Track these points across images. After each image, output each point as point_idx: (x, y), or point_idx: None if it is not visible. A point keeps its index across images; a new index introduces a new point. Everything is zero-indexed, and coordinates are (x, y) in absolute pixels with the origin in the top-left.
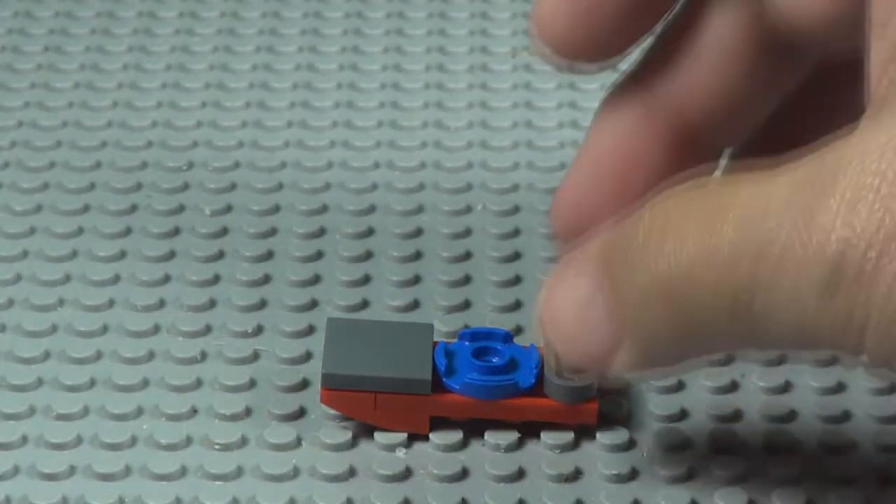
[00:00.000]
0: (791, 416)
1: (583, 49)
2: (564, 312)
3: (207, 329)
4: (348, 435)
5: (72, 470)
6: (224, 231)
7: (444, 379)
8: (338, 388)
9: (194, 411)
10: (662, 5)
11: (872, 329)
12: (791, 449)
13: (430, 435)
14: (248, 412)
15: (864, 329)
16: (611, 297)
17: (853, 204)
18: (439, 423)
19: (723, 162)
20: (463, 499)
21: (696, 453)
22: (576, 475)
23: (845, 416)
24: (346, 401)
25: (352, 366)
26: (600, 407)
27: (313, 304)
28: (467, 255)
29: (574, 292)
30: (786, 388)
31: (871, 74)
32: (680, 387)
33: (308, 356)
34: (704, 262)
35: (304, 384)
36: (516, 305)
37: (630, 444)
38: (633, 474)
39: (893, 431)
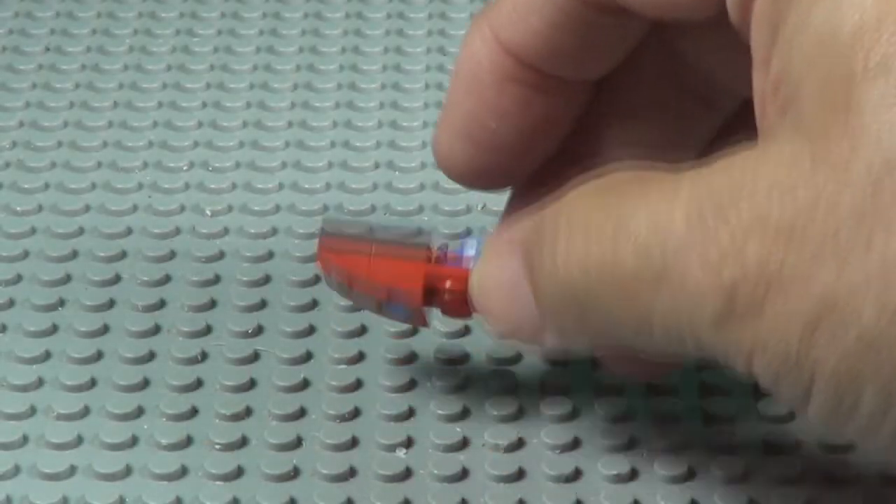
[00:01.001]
0: (790, 416)
1: (480, 180)
2: (495, 292)
3: (208, 329)
4: (349, 435)
5: (73, 470)
6: (224, 231)
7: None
8: (335, 236)
9: (195, 411)
10: (553, 136)
11: (759, 359)
12: (790, 449)
13: (430, 434)
14: (248, 412)
15: (752, 357)
16: (532, 289)
17: (742, 243)
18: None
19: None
20: (463, 499)
21: (696, 453)
22: (576, 475)
23: None
24: (342, 253)
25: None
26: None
27: (313, 305)
28: None
29: (502, 273)
30: None
31: (756, 108)
32: (676, 391)
33: (308, 356)
34: (606, 283)
35: (304, 384)
36: None
37: (630, 444)
38: (633, 474)
39: None
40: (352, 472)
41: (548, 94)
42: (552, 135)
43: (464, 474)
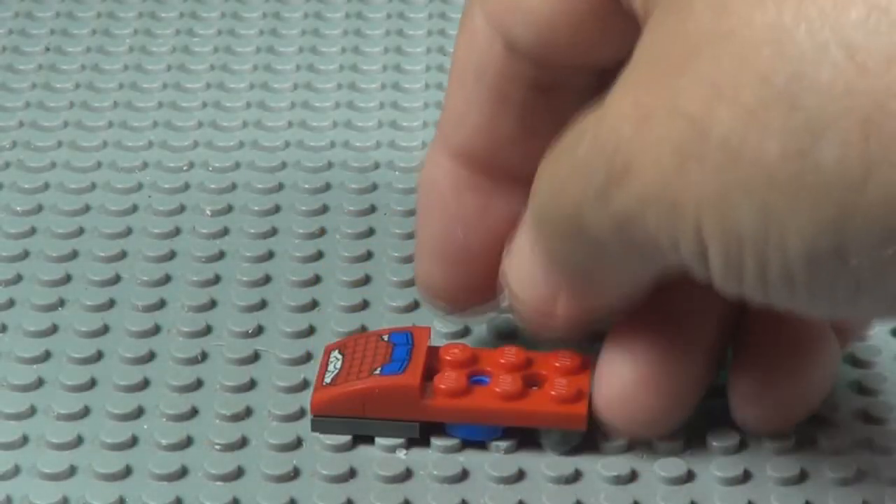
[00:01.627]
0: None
1: (461, 298)
2: (518, 266)
3: (208, 329)
4: (349, 436)
5: (73, 470)
6: (224, 231)
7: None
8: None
9: (195, 412)
10: None
11: (651, 216)
12: (793, 450)
13: (430, 435)
14: (248, 412)
15: (646, 218)
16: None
17: (624, 111)
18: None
19: None
20: (463, 500)
21: (695, 454)
22: (576, 476)
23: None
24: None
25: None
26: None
27: (314, 305)
28: None
29: (522, 241)
30: None
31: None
32: None
33: (308, 357)
34: (550, 198)
35: (304, 385)
36: None
37: (630, 446)
38: (632, 475)
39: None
40: (352, 473)
41: (503, 198)
42: None
43: (464, 475)
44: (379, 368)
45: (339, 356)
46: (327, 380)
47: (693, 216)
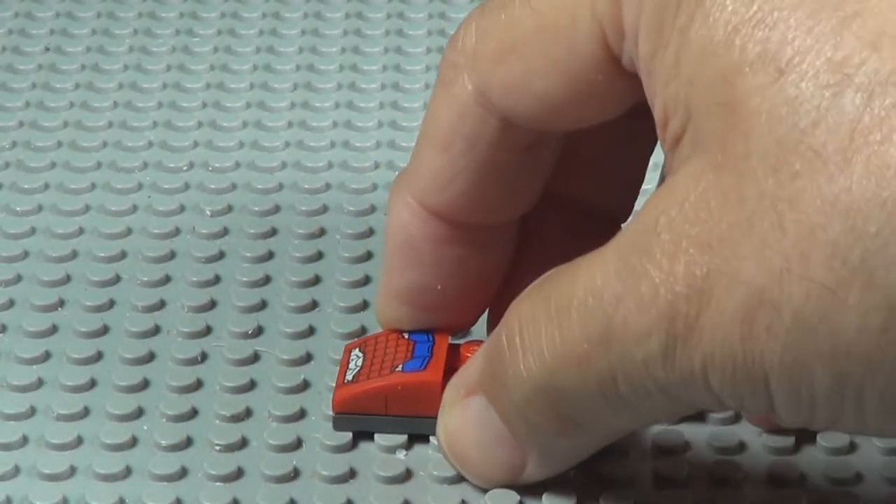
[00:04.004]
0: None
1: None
2: (464, 441)
3: (208, 330)
4: (349, 436)
5: (73, 471)
6: (224, 231)
7: None
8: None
9: (195, 412)
10: (496, 277)
11: (714, 376)
12: (790, 451)
13: (431, 437)
14: (248, 413)
15: (708, 378)
16: (499, 415)
17: (669, 270)
18: None
19: None
20: (462, 500)
21: (694, 455)
22: (575, 478)
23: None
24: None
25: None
26: None
27: (313, 306)
28: None
29: (466, 414)
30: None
31: (658, 126)
32: None
33: (308, 357)
34: (563, 363)
35: (304, 385)
36: None
37: (629, 448)
38: (633, 477)
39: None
40: (352, 473)
41: (482, 245)
42: (495, 277)
43: (463, 476)
44: (400, 365)
45: (360, 354)
46: (348, 377)
47: (762, 377)
